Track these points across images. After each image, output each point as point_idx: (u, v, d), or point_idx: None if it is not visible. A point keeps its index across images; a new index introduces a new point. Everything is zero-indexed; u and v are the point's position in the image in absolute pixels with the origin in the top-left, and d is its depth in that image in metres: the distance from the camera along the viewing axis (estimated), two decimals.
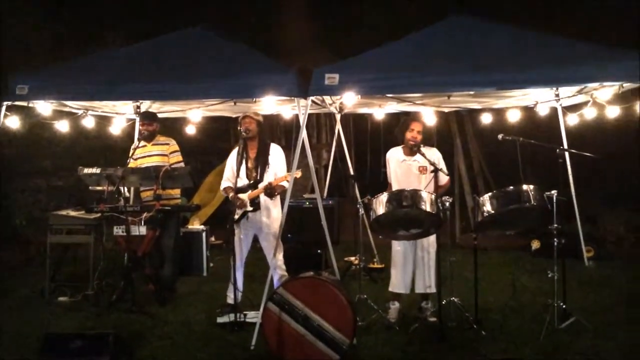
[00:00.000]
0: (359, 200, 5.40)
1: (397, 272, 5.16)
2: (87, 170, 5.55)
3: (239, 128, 5.24)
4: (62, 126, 6.30)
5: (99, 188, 5.65)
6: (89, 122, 6.49)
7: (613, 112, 5.73)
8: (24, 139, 7.95)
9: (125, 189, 5.62)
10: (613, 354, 4.29)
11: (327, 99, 5.89)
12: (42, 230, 6.32)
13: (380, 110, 7.17)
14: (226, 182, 5.37)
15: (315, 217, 5.00)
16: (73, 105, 6.03)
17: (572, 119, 6.59)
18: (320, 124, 11.64)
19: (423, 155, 4.95)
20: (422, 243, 5.06)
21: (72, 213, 6.01)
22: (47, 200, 8.79)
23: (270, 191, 5.10)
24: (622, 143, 8.80)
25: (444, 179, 4.89)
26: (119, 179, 5.41)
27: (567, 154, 6.43)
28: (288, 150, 5.60)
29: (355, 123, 10.88)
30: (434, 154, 5.04)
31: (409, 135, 5.06)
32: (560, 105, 6.69)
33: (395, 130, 5.23)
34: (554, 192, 4.76)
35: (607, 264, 7.21)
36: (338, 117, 7.33)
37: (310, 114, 8.88)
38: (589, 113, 6.12)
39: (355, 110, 7.46)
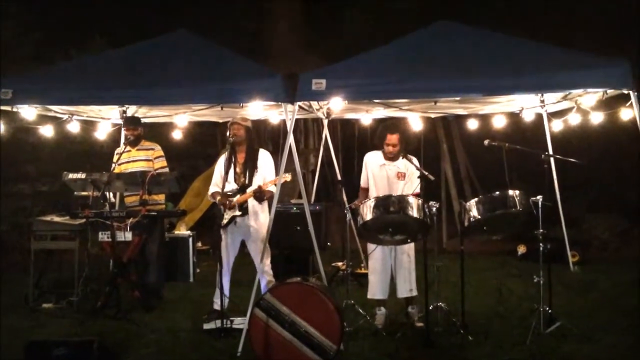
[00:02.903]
0: (347, 205, 5.40)
1: (375, 279, 5.17)
2: (71, 176, 5.51)
3: (227, 133, 5.24)
4: (47, 131, 6.24)
5: (84, 193, 5.60)
6: (74, 127, 6.42)
7: (597, 118, 5.80)
8: (7, 144, 7.85)
9: (111, 194, 5.57)
10: (598, 358, 4.32)
11: (315, 104, 5.88)
12: (26, 236, 6.24)
13: (368, 115, 7.18)
14: (214, 187, 5.36)
15: (303, 222, 4.99)
16: (58, 109, 5.97)
17: (557, 125, 6.65)
18: (307, 129, 11.62)
19: (410, 161, 4.98)
20: (402, 247, 5.08)
21: (57, 219, 5.94)
22: (31, 206, 8.69)
23: (260, 195, 5.09)
24: (606, 148, 8.91)
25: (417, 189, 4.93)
26: (104, 184, 5.37)
27: (552, 159, 6.48)
28: (275, 155, 5.60)
29: (343, 128, 10.89)
30: (414, 162, 5.05)
31: (385, 148, 5.10)
32: (546, 111, 6.75)
33: (374, 136, 5.25)
34: (539, 197, 4.79)
35: (592, 268, 7.28)
36: (325, 122, 7.34)
37: (298, 119, 8.88)
38: (574, 119, 6.19)
39: (342, 116, 7.47)
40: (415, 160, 5.08)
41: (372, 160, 5.23)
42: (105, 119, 6.91)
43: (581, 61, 4.82)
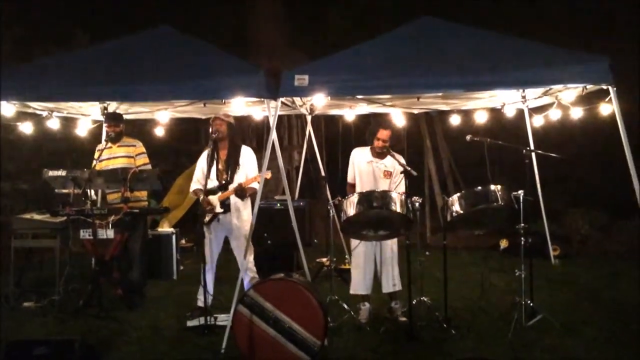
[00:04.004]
0: (330, 201, 5.41)
1: (358, 274, 5.18)
2: (52, 173, 5.44)
3: (209, 130, 5.22)
4: (26, 128, 6.15)
5: (65, 191, 5.54)
6: (54, 124, 6.34)
7: (577, 113, 5.87)
8: None
9: (92, 191, 5.51)
10: (578, 350, 4.38)
11: (298, 100, 5.88)
12: (7, 234, 6.16)
13: (351, 111, 7.19)
14: (196, 184, 5.34)
15: (287, 219, 4.99)
16: (37, 106, 5.89)
17: (538, 120, 6.71)
18: (291, 125, 11.62)
19: (394, 157, 5.00)
20: (386, 242, 5.10)
21: (37, 217, 5.87)
22: (12, 204, 8.57)
23: (241, 192, 5.08)
24: (585, 143, 9.03)
25: (402, 187, 4.95)
26: (85, 182, 5.31)
27: (533, 154, 6.55)
28: (259, 151, 5.58)
29: (327, 124, 10.91)
30: (400, 160, 5.09)
31: (375, 142, 5.11)
32: (527, 106, 6.81)
33: (366, 131, 5.26)
34: (520, 192, 4.84)
35: (572, 261, 7.38)
36: (309, 118, 7.33)
37: (281, 116, 8.86)
38: (554, 114, 6.25)
39: (326, 112, 7.46)
40: (400, 158, 5.11)
41: (359, 156, 5.25)
42: (86, 115, 6.83)
43: (562, 57, 4.86)
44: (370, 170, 5.16)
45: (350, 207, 4.66)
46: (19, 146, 8.45)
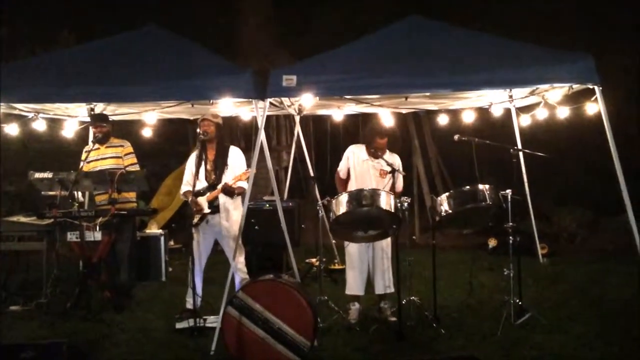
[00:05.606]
0: (319, 201, 5.40)
1: (353, 274, 5.18)
2: (38, 175, 5.39)
3: (197, 130, 5.21)
4: (12, 130, 6.08)
5: (51, 193, 5.49)
6: (40, 125, 6.27)
7: (563, 112, 5.92)
8: None
9: (79, 193, 5.47)
10: (566, 347, 4.41)
11: (286, 100, 5.87)
12: None
13: (339, 111, 7.19)
14: (186, 186, 5.31)
15: (276, 219, 4.97)
16: (22, 107, 5.82)
17: (525, 120, 6.76)
18: (280, 125, 11.59)
19: (384, 159, 5.01)
20: (380, 243, 5.10)
21: (23, 219, 5.81)
22: None
23: (228, 190, 5.08)
24: (571, 142, 9.10)
25: (399, 185, 4.98)
26: (72, 183, 5.27)
27: (520, 153, 6.59)
28: (248, 152, 5.57)
29: (315, 124, 10.89)
30: (395, 160, 5.11)
31: (377, 145, 5.06)
32: (514, 106, 6.85)
33: (365, 130, 5.22)
34: (508, 191, 4.88)
35: (560, 260, 7.43)
36: (297, 118, 7.32)
37: (270, 116, 8.85)
38: (541, 114, 6.29)
39: (314, 112, 7.46)
40: (393, 158, 5.13)
41: (355, 154, 5.23)
42: (73, 116, 6.77)
43: (548, 57, 4.90)
44: (366, 169, 5.16)
45: (339, 206, 4.67)
46: (4, 148, 8.35)
